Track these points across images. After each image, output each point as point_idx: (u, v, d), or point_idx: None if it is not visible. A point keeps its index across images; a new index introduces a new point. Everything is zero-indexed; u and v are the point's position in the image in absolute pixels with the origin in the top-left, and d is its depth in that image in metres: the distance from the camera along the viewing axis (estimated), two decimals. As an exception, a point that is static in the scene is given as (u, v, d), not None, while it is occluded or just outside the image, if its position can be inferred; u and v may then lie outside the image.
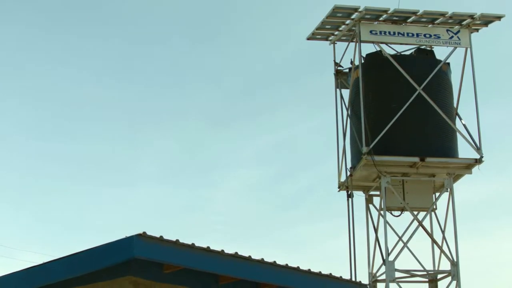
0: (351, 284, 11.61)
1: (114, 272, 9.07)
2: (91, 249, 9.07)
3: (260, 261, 9.80)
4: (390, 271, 17.36)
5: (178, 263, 9.00)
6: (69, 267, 9.34)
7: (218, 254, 9.29)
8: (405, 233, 18.27)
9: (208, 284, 9.77)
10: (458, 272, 18.04)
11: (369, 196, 18.72)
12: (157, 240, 8.65)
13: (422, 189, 18.19)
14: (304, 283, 10.56)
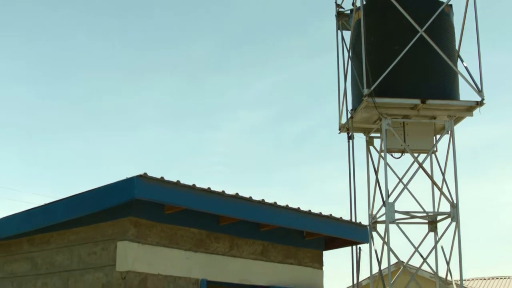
0: (351, 225, 11.70)
1: (115, 213, 9.13)
2: (92, 190, 9.13)
3: (261, 201, 9.86)
4: (390, 213, 17.47)
5: (179, 203, 9.05)
6: (70, 208, 9.41)
7: (218, 195, 9.35)
8: (405, 175, 18.36)
9: (208, 224, 9.84)
10: (458, 214, 18.17)
11: (369, 138, 18.75)
12: (158, 181, 8.69)
13: (423, 131, 18.20)
14: (305, 223, 10.64)
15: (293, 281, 10.89)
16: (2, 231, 10.51)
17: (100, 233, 9.38)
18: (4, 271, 10.69)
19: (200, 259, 9.69)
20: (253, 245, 10.47)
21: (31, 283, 10.16)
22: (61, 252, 9.87)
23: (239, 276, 10.21)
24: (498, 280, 40.49)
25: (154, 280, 9.10)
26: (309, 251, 11.30)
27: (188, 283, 9.47)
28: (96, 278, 9.25)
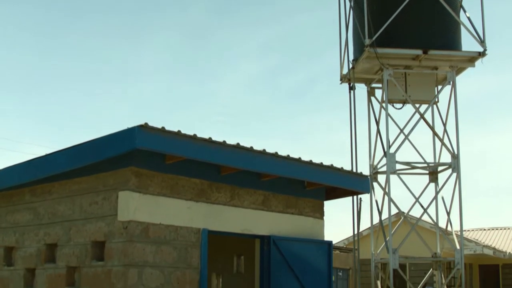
0: (352, 175, 11.72)
1: (117, 163, 9.15)
2: (94, 140, 9.14)
3: (262, 151, 9.86)
4: (391, 163, 17.49)
5: (180, 153, 9.06)
6: (71, 158, 9.43)
7: (219, 145, 9.34)
8: (406, 125, 18.33)
9: (209, 174, 9.86)
10: (459, 165, 18.20)
11: (371, 89, 18.69)
12: (158, 131, 8.69)
13: (424, 82, 18.13)
14: (306, 173, 10.66)
15: (294, 230, 10.95)
16: (4, 181, 10.55)
17: (101, 183, 9.40)
18: (7, 221, 10.75)
19: (201, 208, 9.73)
20: (254, 195, 10.51)
21: (33, 233, 10.23)
22: (62, 202, 9.92)
23: (240, 225, 10.26)
24: (498, 231, 40.75)
25: (155, 229, 9.15)
26: (310, 201, 11.34)
27: (190, 233, 9.53)
28: (98, 228, 9.31)
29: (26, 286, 10.23)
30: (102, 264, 9.17)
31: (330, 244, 11.44)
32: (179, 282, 9.31)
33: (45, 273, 9.96)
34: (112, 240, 9.07)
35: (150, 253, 9.06)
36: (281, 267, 10.54)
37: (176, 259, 9.33)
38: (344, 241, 33.80)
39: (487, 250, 32.30)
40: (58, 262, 9.80)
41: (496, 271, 38.84)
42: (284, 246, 10.61)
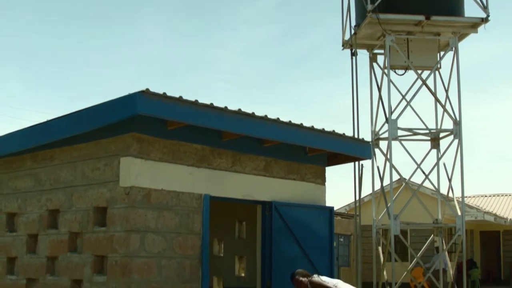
0: (353, 141, 11.71)
1: (118, 129, 9.13)
2: (95, 106, 9.12)
3: (264, 117, 9.84)
4: (392, 129, 17.48)
5: (182, 119, 9.04)
6: (73, 124, 9.42)
7: (221, 110, 9.32)
8: (408, 92, 18.27)
9: (211, 140, 9.85)
10: (460, 131, 18.18)
11: (373, 55, 18.60)
12: (160, 97, 8.66)
13: (427, 48, 18.03)
14: (307, 139, 10.65)
15: (296, 196, 10.97)
16: (5, 147, 10.55)
17: (103, 149, 9.40)
18: (9, 187, 10.77)
19: (203, 174, 9.73)
20: (256, 161, 10.51)
21: (35, 199, 10.25)
22: (64, 168, 9.92)
23: (242, 191, 10.28)
24: (499, 198, 40.83)
25: (157, 195, 9.16)
26: (311, 167, 11.35)
27: (192, 198, 9.54)
28: (100, 194, 9.32)
29: (29, 251, 10.28)
30: (104, 230, 9.20)
31: (332, 210, 11.46)
32: (181, 247, 9.34)
33: (47, 238, 10.00)
34: (114, 206, 9.09)
35: (152, 218, 9.08)
36: (282, 233, 10.57)
37: (178, 224, 9.35)
38: (345, 207, 33.89)
39: (488, 217, 32.39)
40: (60, 228, 9.83)
41: (497, 237, 38.97)
42: (286, 211, 10.63)
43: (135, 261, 8.87)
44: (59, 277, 9.74)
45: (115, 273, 8.95)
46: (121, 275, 8.87)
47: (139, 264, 8.90)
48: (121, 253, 8.91)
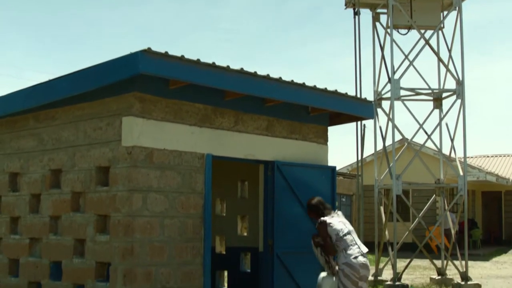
0: (356, 100, 11.67)
1: (120, 88, 9.11)
2: (97, 65, 9.08)
3: (266, 76, 9.80)
4: (395, 89, 17.43)
5: (183, 78, 9.01)
6: (74, 84, 9.39)
7: (223, 69, 9.28)
8: (411, 51, 18.20)
9: (213, 100, 9.82)
10: (463, 91, 18.13)
11: (376, 14, 18.48)
12: (162, 56, 8.62)
13: (430, 7, 17.92)
14: (309, 99, 10.61)
15: (298, 156, 10.97)
16: (7, 107, 10.54)
17: (105, 109, 9.38)
18: (11, 147, 10.78)
19: (205, 134, 9.73)
20: (258, 120, 10.49)
21: (38, 159, 10.26)
22: (66, 128, 9.92)
23: (244, 151, 10.28)
24: (501, 158, 40.89)
25: (159, 154, 9.17)
26: (314, 127, 11.33)
27: (194, 158, 9.55)
28: (102, 153, 9.33)
29: (32, 211, 10.32)
30: (107, 190, 9.22)
31: (334, 170, 11.47)
32: (184, 206, 9.37)
33: (50, 198, 10.03)
34: (117, 166, 9.10)
35: (155, 178, 9.10)
36: (285, 192, 10.60)
37: (180, 184, 9.37)
38: (347, 167, 33.97)
39: (490, 177, 32.46)
40: (63, 188, 9.86)
41: (498, 197, 39.11)
42: (288, 171, 10.65)
43: (137, 220, 8.90)
44: (62, 237, 9.79)
45: (118, 232, 8.99)
46: (124, 234, 8.91)
47: (142, 223, 8.94)
48: (124, 213, 8.95)
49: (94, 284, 9.24)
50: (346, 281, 9.08)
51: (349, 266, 9.06)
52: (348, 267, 9.05)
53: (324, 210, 9.25)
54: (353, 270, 9.04)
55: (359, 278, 9.09)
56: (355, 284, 9.11)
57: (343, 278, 9.10)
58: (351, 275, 9.07)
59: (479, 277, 20.85)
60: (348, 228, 9.20)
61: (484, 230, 36.78)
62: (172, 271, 9.22)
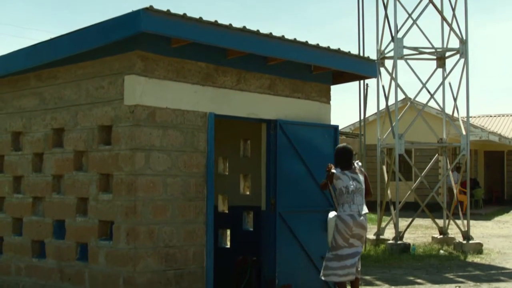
0: (359, 59, 11.61)
1: (122, 47, 9.06)
2: (99, 23, 9.03)
3: (268, 35, 9.74)
4: (398, 48, 17.37)
5: (186, 37, 8.95)
6: (76, 42, 9.34)
7: (225, 28, 9.22)
8: (415, 10, 18.09)
9: (216, 58, 9.78)
10: (467, 50, 18.06)
11: (379, -28, 18.36)
12: (164, 14, 8.56)
13: (434, -35, 17.79)
14: (312, 57, 10.56)
15: (300, 115, 10.95)
16: (9, 66, 10.50)
17: (107, 68, 9.35)
18: (13, 107, 10.76)
19: (207, 92, 9.70)
20: (261, 79, 10.45)
21: (40, 118, 10.25)
22: (68, 87, 9.89)
23: (246, 109, 10.26)
24: (504, 118, 40.85)
25: (162, 113, 9.15)
26: (316, 85, 11.29)
27: (196, 117, 9.53)
28: (104, 112, 9.31)
29: (34, 170, 10.34)
30: (109, 148, 9.23)
31: (336, 129, 11.46)
32: (186, 165, 9.39)
33: (52, 157, 10.04)
34: (119, 125, 9.10)
35: (157, 137, 9.09)
36: (287, 151, 10.60)
37: (183, 143, 9.37)
38: (350, 126, 33.98)
39: (493, 137, 32.46)
40: (66, 147, 9.86)
41: (501, 157, 39.16)
42: (291, 130, 10.63)
43: (140, 179, 8.92)
44: (65, 196, 9.82)
45: (121, 191, 9.02)
46: (127, 193, 8.94)
47: (144, 182, 8.96)
48: (126, 171, 8.96)
49: (97, 243, 9.30)
50: (337, 236, 9.39)
51: (342, 221, 9.35)
52: (342, 222, 9.34)
53: (341, 163, 9.59)
54: (345, 226, 9.32)
55: (351, 235, 9.35)
56: (345, 241, 9.35)
57: (335, 233, 9.40)
58: (342, 231, 9.33)
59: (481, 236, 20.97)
60: (356, 187, 9.43)
61: (486, 190, 36.89)
62: (175, 229, 9.26)
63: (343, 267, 9.34)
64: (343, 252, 9.38)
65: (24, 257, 10.35)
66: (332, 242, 9.44)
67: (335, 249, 9.40)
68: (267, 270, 10.56)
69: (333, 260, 9.39)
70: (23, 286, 10.31)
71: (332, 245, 9.44)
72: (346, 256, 9.36)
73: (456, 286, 12.83)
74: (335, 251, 9.40)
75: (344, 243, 9.35)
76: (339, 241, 9.36)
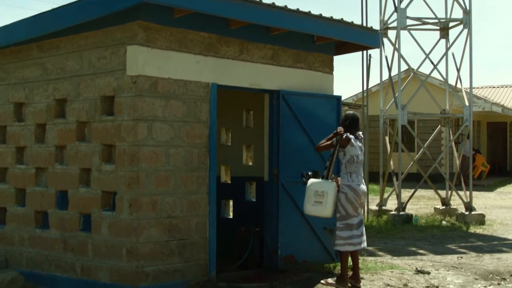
0: (362, 29, 11.55)
1: (124, 17, 9.03)
2: (100, -7, 8.98)
3: (271, 5, 9.69)
4: (401, 18, 17.31)
5: (188, 6, 8.92)
6: (78, 12, 9.31)
7: (228, -3, 9.18)
8: (418, -20, 17.98)
9: (218, 28, 9.73)
10: (470, 21, 17.99)
11: None
12: (166, -17, 8.51)
13: None
14: (315, 27, 10.50)
15: (303, 85, 10.91)
16: (11, 36, 10.46)
17: (109, 38, 9.31)
18: (16, 77, 10.74)
19: (210, 63, 9.66)
20: (263, 49, 10.40)
21: (42, 88, 10.23)
22: (71, 57, 9.86)
23: (249, 80, 10.23)
24: (507, 89, 40.74)
25: (164, 84, 9.13)
26: (319, 56, 11.24)
27: (199, 87, 9.51)
28: (106, 83, 9.29)
29: (37, 141, 10.34)
30: (112, 119, 9.22)
31: (339, 99, 11.43)
32: (189, 135, 9.38)
33: (55, 128, 10.04)
34: (121, 95, 9.08)
35: (160, 107, 9.08)
36: (290, 122, 10.59)
37: (185, 113, 9.35)
38: (352, 97, 33.96)
39: (496, 108, 32.42)
40: (68, 117, 9.85)
41: (503, 128, 39.14)
42: (293, 100, 10.61)
43: (143, 150, 8.92)
44: (68, 166, 9.83)
45: (123, 162, 9.03)
46: (129, 164, 8.95)
47: (147, 153, 8.96)
48: (129, 142, 8.96)
49: (100, 213, 9.32)
50: (347, 205, 9.47)
51: (353, 190, 9.46)
52: (353, 191, 9.45)
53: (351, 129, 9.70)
54: (356, 195, 9.48)
55: (359, 204, 9.54)
56: (355, 210, 9.55)
57: (345, 202, 9.46)
58: (353, 200, 9.47)
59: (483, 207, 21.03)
60: (361, 157, 9.58)
61: (489, 161, 36.92)
62: (178, 200, 9.28)
63: (356, 236, 9.48)
64: (353, 221, 9.50)
65: (27, 227, 10.39)
66: (342, 212, 9.48)
67: (345, 218, 9.48)
68: (269, 241, 10.59)
69: (345, 230, 9.49)
70: (27, 256, 10.36)
71: (342, 215, 9.50)
72: (356, 225, 9.49)
73: (458, 257, 12.88)
74: (345, 221, 9.48)
75: (354, 212, 9.49)
76: (350, 211, 9.45)
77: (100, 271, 9.29)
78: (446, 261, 12.36)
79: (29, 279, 10.03)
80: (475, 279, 10.88)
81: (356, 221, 9.52)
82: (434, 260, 12.53)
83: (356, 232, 9.51)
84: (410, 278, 10.49)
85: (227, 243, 11.26)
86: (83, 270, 9.53)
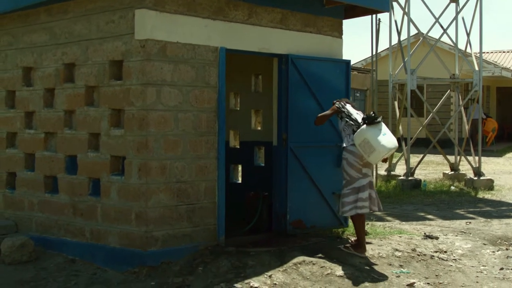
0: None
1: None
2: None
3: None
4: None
5: (196, -30, 8.85)
6: (85, -24, 9.24)
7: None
8: None
9: (227, -8, 9.66)
10: (481, -16, 17.80)
11: None
12: None
13: None
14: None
15: (312, 49, 10.84)
16: (19, 1, 10.39)
17: (117, 1, 9.25)
18: (24, 42, 10.70)
19: (219, 27, 9.60)
20: (272, 13, 10.32)
21: (51, 53, 10.20)
22: (79, 21, 9.80)
23: (258, 44, 10.16)
24: (517, 53, 40.42)
25: (173, 48, 9.08)
26: (328, 19, 11.14)
27: (207, 51, 9.46)
28: (115, 47, 9.25)
29: (46, 106, 10.33)
30: (120, 83, 9.19)
31: (348, 64, 11.36)
32: (197, 100, 9.35)
33: (64, 92, 10.02)
34: (130, 59, 9.04)
35: (168, 71, 9.04)
36: (299, 86, 10.54)
37: (194, 77, 9.32)
38: (361, 62, 33.80)
39: (506, 73, 32.26)
40: (77, 82, 9.83)
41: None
42: (302, 65, 10.55)
43: (151, 114, 8.91)
44: (77, 131, 9.83)
45: (132, 126, 9.02)
46: (138, 128, 8.94)
47: (156, 117, 8.95)
48: (138, 106, 8.94)
49: (109, 178, 9.34)
50: (350, 170, 9.47)
51: (352, 153, 9.46)
52: (351, 154, 9.43)
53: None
54: (355, 157, 9.44)
55: (363, 164, 9.48)
56: (359, 171, 9.51)
57: (347, 167, 9.48)
58: (354, 162, 9.46)
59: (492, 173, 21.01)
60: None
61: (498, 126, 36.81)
62: (187, 164, 9.28)
63: (361, 199, 9.44)
64: (360, 183, 9.48)
65: (37, 192, 10.43)
66: (346, 177, 9.50)
67: (350, 183, 9.48)
68: (278, 206, 10.61)
69: (350, 195, 9.48)
70: (36, 221, 10.41)
71: (347, 180, 9.51)
72: (362, 187, 9.44)
73: (467, 222, 12.89)
74: (351, 186, 9.49)
75: (358, 174, 9.46)
76: (353, 174, 9.45)
77: (110, 236, 9.33)
78: (454, 226, 12.38)
79: (39, 244, 10.09)
80: (483, 244, 10.90)
81: (364, 183, 9.47)
82: (442, 225, 12.55)
83: (362, 195, 9.46)
84: (419, 243, 10.52)
85: (236, 207, 11.28)
86: (93, 235, 9.58)
